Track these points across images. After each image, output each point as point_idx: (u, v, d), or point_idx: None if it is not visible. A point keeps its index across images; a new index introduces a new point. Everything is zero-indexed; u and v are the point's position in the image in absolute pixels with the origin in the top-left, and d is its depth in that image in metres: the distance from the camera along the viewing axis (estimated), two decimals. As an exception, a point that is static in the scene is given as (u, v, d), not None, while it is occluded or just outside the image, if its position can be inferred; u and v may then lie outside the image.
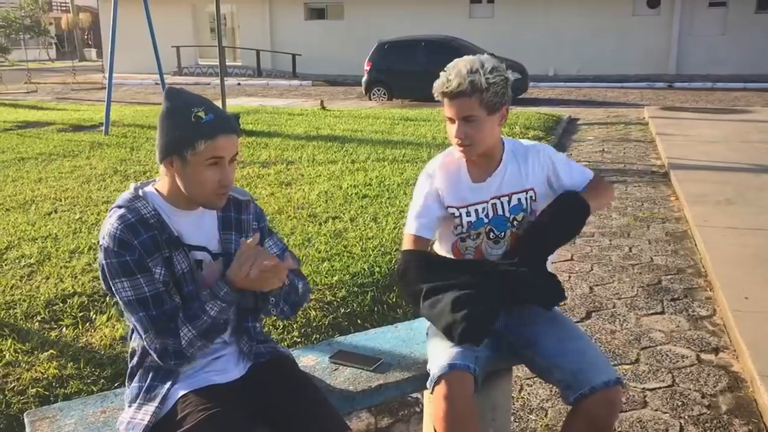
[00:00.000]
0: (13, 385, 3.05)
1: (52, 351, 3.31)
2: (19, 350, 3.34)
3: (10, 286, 4.16)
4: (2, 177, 7.55)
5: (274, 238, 2.17)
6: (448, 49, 16.65)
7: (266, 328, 3.53)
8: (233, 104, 15.47)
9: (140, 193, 1.90)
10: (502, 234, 2.37)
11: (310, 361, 2.44)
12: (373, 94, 17.18)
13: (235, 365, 2.05)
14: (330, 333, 3.63)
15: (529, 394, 3.30)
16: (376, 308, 3.94)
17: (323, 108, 14.28)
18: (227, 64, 26.38)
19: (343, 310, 3.86)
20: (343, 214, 5.69)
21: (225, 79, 11.33)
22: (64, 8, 52.38)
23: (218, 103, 11.73)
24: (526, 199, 2.36)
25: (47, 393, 3.00)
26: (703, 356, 3.63)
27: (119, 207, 1.87)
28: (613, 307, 4.28)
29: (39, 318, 3.70)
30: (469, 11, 25.07)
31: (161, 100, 1.88)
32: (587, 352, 2.20)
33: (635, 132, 11.39)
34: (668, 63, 23.09)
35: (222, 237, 2.00)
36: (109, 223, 1.84)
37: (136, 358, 2.00)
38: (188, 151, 1.79)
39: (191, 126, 1.79)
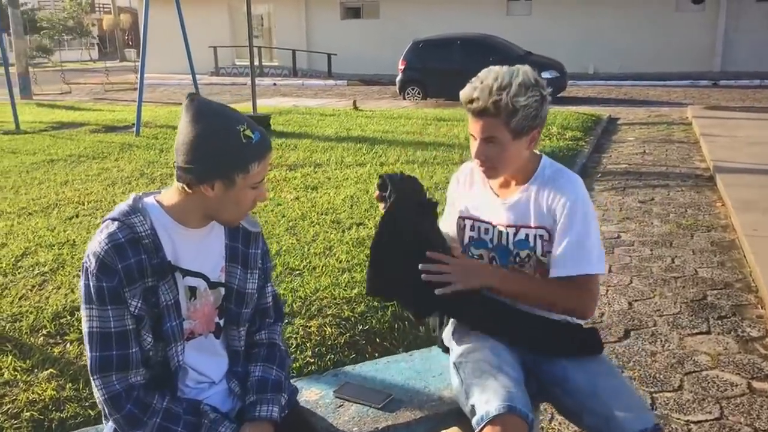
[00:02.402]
0: (7, 407, 2.88)
1: (52, 370, 3.14)
2: (18, 368, 3.17)
3: (19, 296, 4.03)
4: (30, 179, 7.49)
5: (272, 286, 1.99)
6: (484, 47, 16.32)
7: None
8: (267, 104, 15.37)
9: (139, 205, 1.69)
10: (505, 266, 2.13)
11: (313, 395, 2.21)
12: (407, 94, 16.91)
13: (222, 405, 1.83)
14: (345, 353, 3.40)
15: (560, 423, 3.03)
16: (396, 325, 3.69)
17: (356, 108, 14.08)
18: (264, 64, 26.45)
19: (360, 327, 3.62)
20: (368, 220, 5.46)
21: (261, 79, 11.25)
22: (107, 9, 53.18)
23: (249, 104, 11.68)
24: (535, 236, 2.07)
25: (42, 417, 2.82)
26: (755, 384, 3.30)
27: (113, 220, 1.66)
28: (654, 325, 3.97)
29: (44, 332, 3.54)
30: (506, 9, 24.62)
31: (186, 111, 1.64)
32: (622, 394, 1.93)
33: (678, 133, 10.93)
34: (713, 60, 22.35)
35: (227, 267, 1.81)
36: (98, 240, 1.64)
37: None
38: (239, 175, 1.62)
39: (243, 148, 1.60)
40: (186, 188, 1.65)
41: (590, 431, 1.94)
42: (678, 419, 3.02)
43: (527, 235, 2.08)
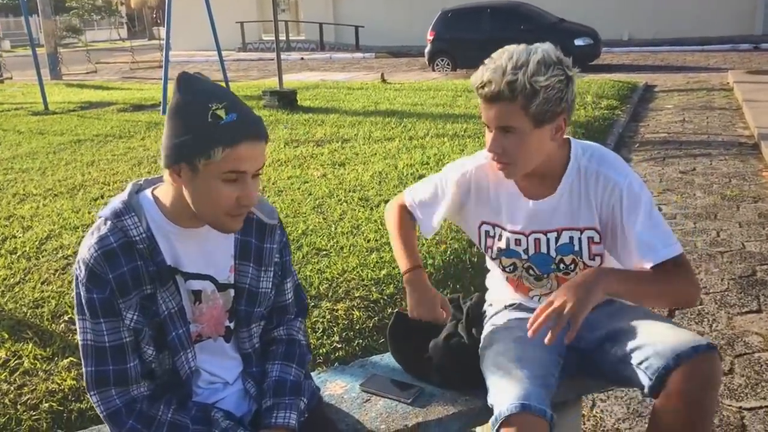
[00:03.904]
0: (27, 398, 2.80)
1: (72, 358, 3.04)
2: (38, 357, 3.09)
3: (42, 280, 3.95)
4: (57, 160, 7.45)
5: (294, 279, 1.80)
6: (515, 15, 15.93)
7: (305, 331, 3.19)
8: (294, 79, 15.22)
9: (134, 201, 1.52)
10: (545, 274, 1.92)
11: (338, 388, 2.07)
12: (437, 65, 16.59)
13: (236, 408, 1.69)
14: (374, 337, 3.25)
15: (602, 411, 2.86)
16: (427, 307, 3.53)
17: (384, 81, 13.85)
18: (291, 38, 26.22)
19: (390, 310, 3.47)
20: (397, 197, 5.28)
21: (288, 54, 11.05)
22: (134, -12, 53.20)
23: (275, 79, 11.52)
24: (581, 239, 1.84)
25: (61, 408, 2.73)
26: (812, 367, 3.09)
27: (105, 221, 1.50)
28: (701, 303, 3.75)
29: (66, 318, 3.46)
30: (537, -25, 23.98)
31: (173, 90, 1.46)
32: (674, 329, 1.76)
33: (719, 99, 10.52)
34: (754, 23, 21.51)
35: (237, 266, 1.63)
36: (87, 245, 1.48)
37: None
38: (200, 160, 1.39)
39: (207, 127, 1.38)
40: (167, 176, 1.48)
41: (637, 371, 1.71)
42: (729, 406, 2.83)
43: (572, 238, 1.84)
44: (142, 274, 1.49)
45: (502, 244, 1.92)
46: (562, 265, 1.89)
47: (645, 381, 1.68)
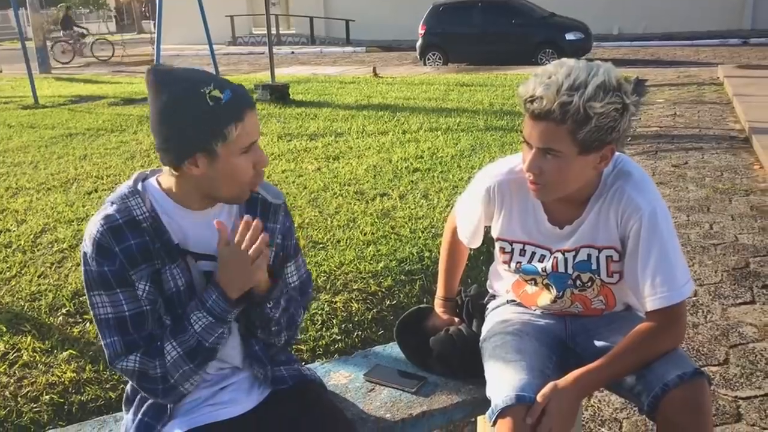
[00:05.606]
0: (27, 390, 2.80)
1: (71, 351, 3.04)
2: (37, 349, 3.09)
3: (38, 274, 3.94)
4: (49, 154, 7.41)
5: (299, 261, 1.80)
6: (506, 9, 15.93)
7: (304, 323, 3.20)
8: (285, 73, 15.17)
9: (139, 186, 1.56)
10: (561, 293, 1.88)
11: (342, 378, 2.08)
12: (428, 59, 16.58)
13: (247, 394, 1.70)
14: (373, 329, 3.27)
15: (600, 401, 2.89)
16: (425, 299, 3.55)
17: (375, 75, 13.84)
18: (281, 32, 26.14)
19: (388, 302, 3.49)
20: (392, 190, 5.30)
21: (278, 48, 11.04)
22: (123, -19, 52.77)
23: (267, 73, 11.47)
24: (598, 257, 1.77)
25: (62, 401, 2.73)
26: (806, 357, 3.13)
27: (111, 203, 1.53)
28: (695, 295, 3.79)
29: (63, 311, 3.45)
30: (528, -31, 23.99)
31: (148, 87, 1.46)
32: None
33: (709, 93, 10.57)
34: (743, 17, 21.64)
35: None
36: (93, 223, 1.51)
37: (130, 384, 1.68)
38: (219, 143, 1.43)
39: (212, 110, 1.40)
40: (173, 171, 1.50)
41: (631, 392, 1.73)
42: (725, 395, 2.86)
43: (590, 256, 1.78)
44: (151, 249, 1.52)
45: (524, 260, 1.88)
46: (578, 282, 1.84)
47: (640, 405, 1.69)
